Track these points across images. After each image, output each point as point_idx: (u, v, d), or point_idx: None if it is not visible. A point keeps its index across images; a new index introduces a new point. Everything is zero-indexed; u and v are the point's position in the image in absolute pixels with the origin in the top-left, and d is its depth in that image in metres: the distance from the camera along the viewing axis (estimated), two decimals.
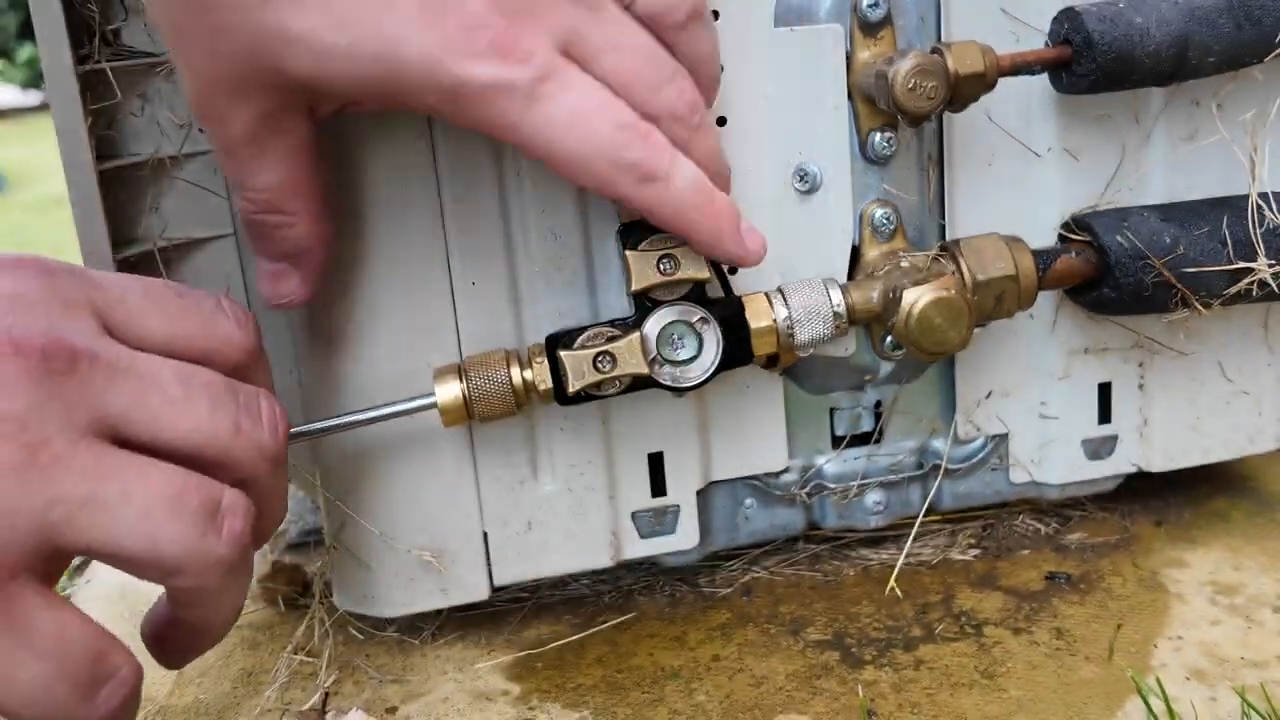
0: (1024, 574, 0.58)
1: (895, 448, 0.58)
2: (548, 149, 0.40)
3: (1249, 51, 0.50)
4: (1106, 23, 0.48)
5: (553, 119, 0.39)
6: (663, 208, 0.42)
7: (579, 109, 0.39)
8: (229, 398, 0.39)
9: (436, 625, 0.57)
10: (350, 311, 0.49)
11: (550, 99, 0.39)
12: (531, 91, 0.38)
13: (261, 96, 0.40)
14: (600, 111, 0.40)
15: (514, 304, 0.50)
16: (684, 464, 0.54)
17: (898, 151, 0.52)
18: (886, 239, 0.52)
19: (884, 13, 0.50)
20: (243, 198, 0.43)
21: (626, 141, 0.40)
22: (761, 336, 0.48)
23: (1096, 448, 0.59)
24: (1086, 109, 0.53)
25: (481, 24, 0.37)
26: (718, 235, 0.44)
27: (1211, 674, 0.49)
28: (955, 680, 0.49)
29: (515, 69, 0.38)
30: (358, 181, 0.48)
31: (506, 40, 0.38)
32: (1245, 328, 0.58)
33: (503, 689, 0.52)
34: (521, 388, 0.47)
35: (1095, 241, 0.52)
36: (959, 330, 0.48)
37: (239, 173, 0.43)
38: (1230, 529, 0.61)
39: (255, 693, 0.53)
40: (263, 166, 0.42)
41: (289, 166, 0.43)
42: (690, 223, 0.43)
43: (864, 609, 0.56)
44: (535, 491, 0.53)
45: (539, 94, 0.38)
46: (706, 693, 0.50)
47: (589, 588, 0.60)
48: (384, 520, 0.52)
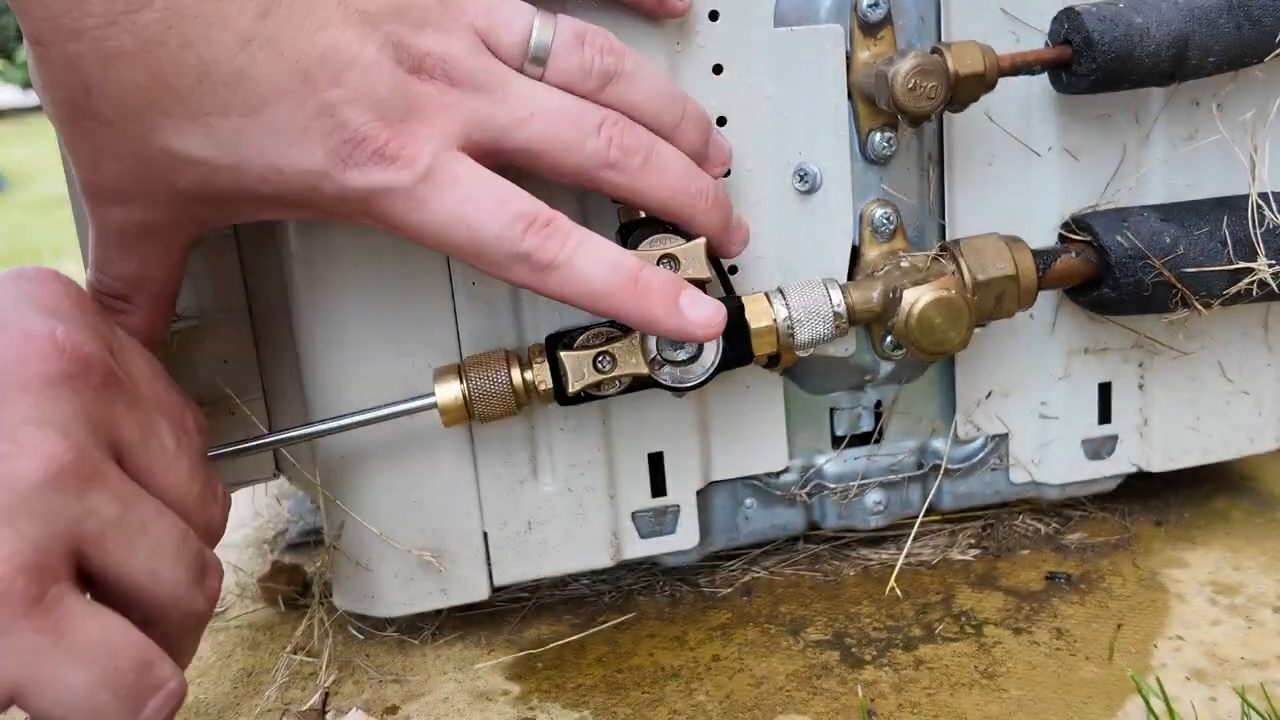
0: (1024, 574, 0.58)
1: (895, 448, 0.58)
2: (437, 243, 0.40)
3: (1249, 51, 0.50)
4: (1106, 23, 0.48)
5: (437, 216, 0.39)
6: (571, 295, 0.41)
7: (464, 203, 0.39)
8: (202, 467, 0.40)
9: (436, 625, 0.57)
10: (351, 311, 0.49)
11: (434, 199, 0.39)
12: (413, 193, 0.39)
13: (143, 207, 0.41)
14: (488, 205, 0.40)
15: (514, 303, 0.50)
16: (684, 464, 0.54)
17: (898, 151, 0.52)
18: (886, 239, 0.52)
19: (884, 13, 0.50)
20: (95, 274, 0.43)
21: (517, 234, 0.40)
22: (762, 337, 0.48)
23: (1096, 448, 0.59)
24: (1086, 109, 0.53)
25: (364, 137, 0.38)
26: (646, 314, 0.42)
27: (1211, 674, 0.49)
28: (955, 680, 0.49)
29: (396, 174, 0.39)
30: None
31: (390, 149, 0.38)
32: (1245, 328, 0.58)
33: (503, 689, 0.52)
34: (522, 388, 0.47)
35: (1095, 241, 0.52)
36: (959, 330, 0.48)
37: (101, 262, 0.43)
38: (1230, 529, 0.61)
39: (255, 693, 0.53)
40: (125, 258, 0.43)
41: (149, 267, 0.43)
42: (612, 307, 0.42)
43: (864, 609, 0.56)
44: (535, 491, 0.53)
45: (421, 195, 0.39)
46: (706, 693, 0.50)
47: (589, 588, 0.60)
48: (384, 520, 0.52)
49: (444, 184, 0.39)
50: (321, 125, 0.38)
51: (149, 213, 0.41)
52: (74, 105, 0.38)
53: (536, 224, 0.40)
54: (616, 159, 0.42)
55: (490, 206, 0.40)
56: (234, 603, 0.62)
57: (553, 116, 0.41)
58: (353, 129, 0.38)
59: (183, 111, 0.37)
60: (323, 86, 0.38)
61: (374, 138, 0.38)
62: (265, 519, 0.73)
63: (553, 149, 0.41)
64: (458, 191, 0.39)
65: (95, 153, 0.39)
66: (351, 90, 0.38)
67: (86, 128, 0.38)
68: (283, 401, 0.55)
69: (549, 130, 0.41)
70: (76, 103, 0.38)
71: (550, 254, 0.41)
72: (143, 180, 0.39)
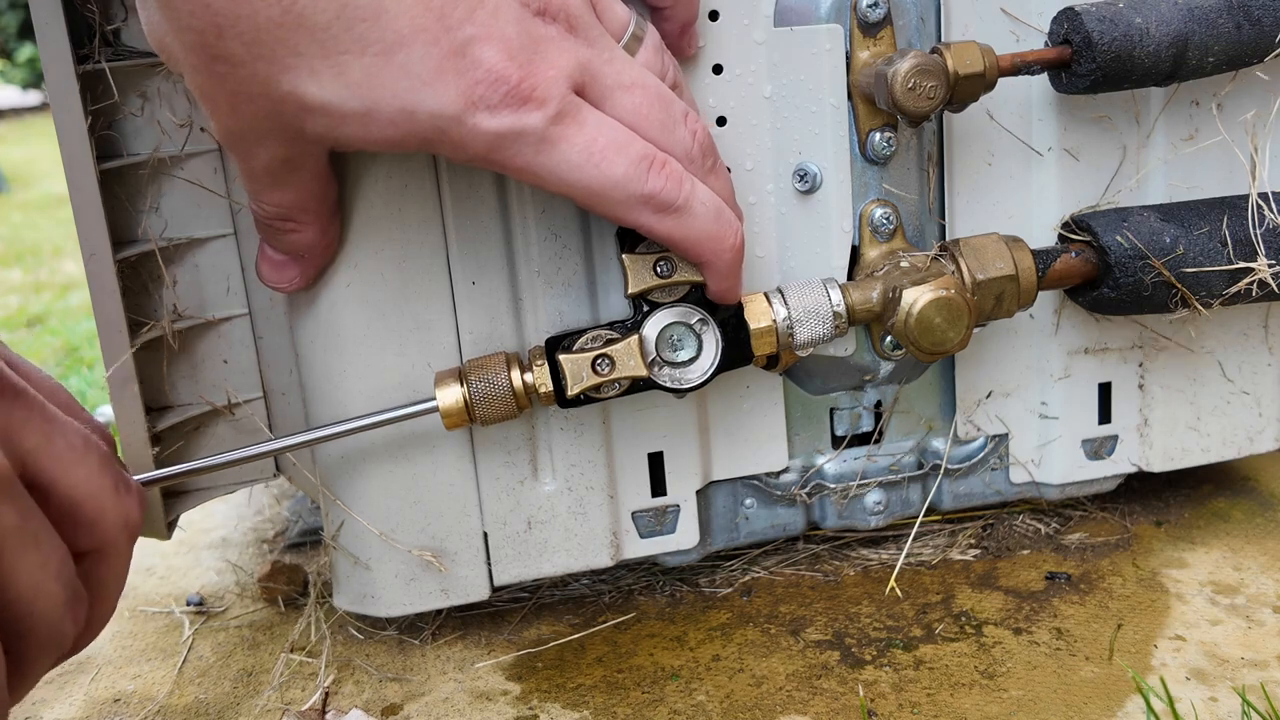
0: (1024, 574, 0.58)
1: (895, 448, 0.58)
2: (564, 187, 0.40)
3: (1249, 51, 0.50)
4: (1106, 23, 0.48)
5: (566, 158, 0.39)
6: (681, 238, 0.43)
7: (593, 146, 0.40)
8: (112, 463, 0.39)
9: (436, 625, 0.57)
10: (351, 312, 0.49)
11: (564, 140, 0.39)
12: (545, 134, 0.39)
13: (281, 145, 0.41)
14: (615, 146, 0.40)
15: (514, 304, 0.50)
16: (684, 464, 0.54)
17: (897, 151, 0.52)
18: (886, 239, 0.52)
19: (884, 13, 0.50)
20: (254, 203, 0.44)
21: (642, 174, 0.40)
22: (761, 337, 0.48)
23: (1096, 448, 0.59)
24: (1086, 109, 0.53)
25: (497, 78, 0.38)
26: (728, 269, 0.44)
27: (1211, 674, 0.49)
28: (955, 680, 0.49)
29: (528, 115, 0.39)
30: (359, 182, 0.48)
31: (523, 89, 0.38)
32: (1245, 328, 0.58)
33: (503, 689, 0.52)
34: (522, 391, 0.47)
35: (1095, 241, 0.52)
36: (959, 330, 0.48)
37: (256, 194, 0.44)
38: (1230, 529, 0.61)
39: (255, 692, 0.53)
40: (279, 190, 0.44)
41: (301, 190, 0.44)
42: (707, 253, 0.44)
43: (864, 609, 0.56)
44: (535, 491, 0.53)
45: (552, 136, 0.39)
46: (707, 693, 0.50)
47: (589, 587, 0.60)
48: (384, 520, 0.52)
49: (572, 125, 0.39)
50: (455, 65, 0.38)
51: (288, 149, 0.41)
52: (205, 48, 0.37)
53: (656, 165, 0.41)
54: (697, 156, 0.43)
55: (616, 147, 0.40)
56: (234, 603, 0.62)
57: (650, 93, 0.42)
58: (485, 69, 0.38)
59: (316, 50, 0.37)
60: (456, 24, 0.37)
61: (506, 78, 0.38)
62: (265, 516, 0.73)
63: (645, 125, 0.41)
64: (585, 133, 0.39)
65: (229, 98, 0.39)
66: (483, 28, 0.38)
67: (218, 72, 0.38)
68: (283, 402, 0.55)
69: (645, 105, 0.42)
70: (207, 44, 0.37)
71: (671, 196, 0.41)
72: (275, 121, 0.39)
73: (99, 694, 0.54)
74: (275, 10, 0.36)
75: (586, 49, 0.40)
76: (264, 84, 0.38)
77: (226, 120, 0.40)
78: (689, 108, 0.44)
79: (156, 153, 0.50)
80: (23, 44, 6.64)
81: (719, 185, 0.44)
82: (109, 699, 0.53)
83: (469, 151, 0.39)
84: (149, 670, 0.56)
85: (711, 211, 0.43)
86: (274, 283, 0.48)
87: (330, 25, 0.37)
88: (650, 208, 0.41)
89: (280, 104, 0.38)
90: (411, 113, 0.38)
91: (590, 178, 0.40)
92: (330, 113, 0.38)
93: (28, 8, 0.47)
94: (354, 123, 0.39)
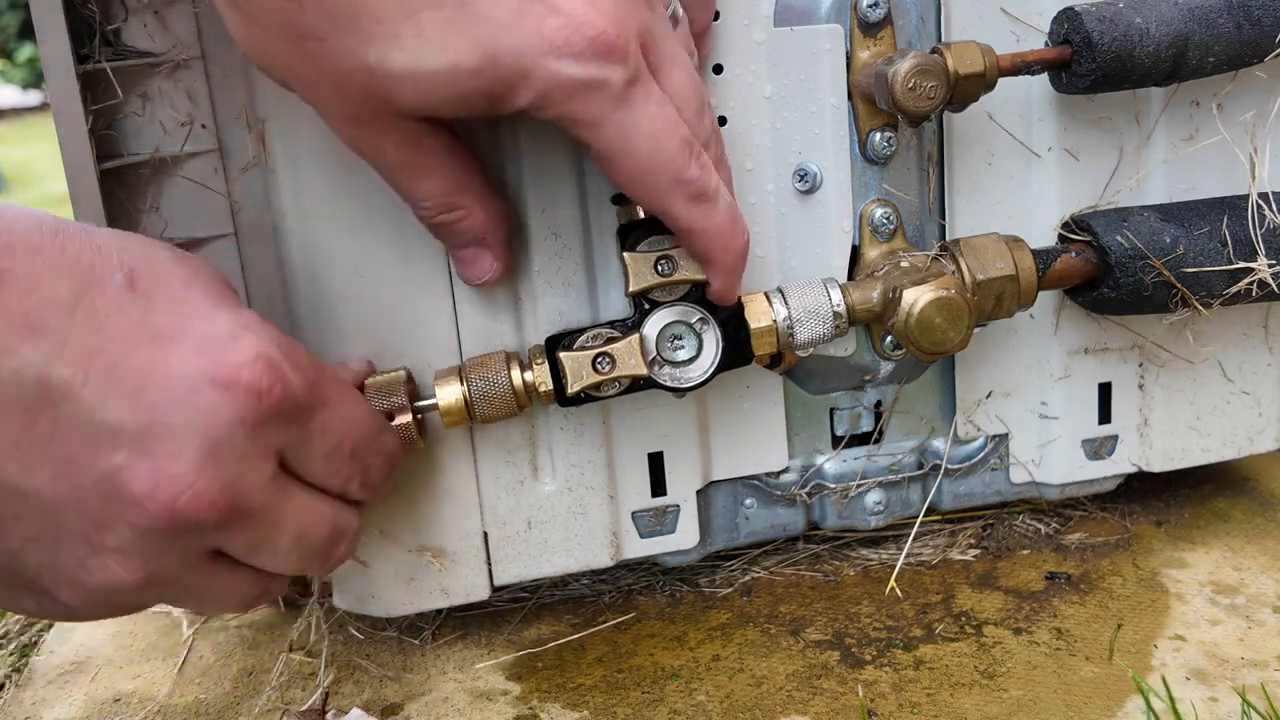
0: (1024, 574, 0.58)
1: (895, 448, 0.58)
2: (622, 152, 0.40)
3: (1249, 51, 0.50)
4: (1106, 23, 0.48)
5: (634, 124, 0.39)
6: (705, 230, 0.43)
7: (656, 119, 0.40)
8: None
9: (436, 625, 0.57)
10: (351, 312, 0.49)
11: (636, 103, 0.39)
12: (622, 93, 0.39)
13: (395, 125, 0.41)
14: (670, 124, 0.40)
15: (514, 304, 0.50)
16: (684, 464, 0.54)
17: (897, 151, 0.52)
18: (886, 239, 0.52)
19: (884, 13, 0.50)
20: (415, 209, 0.44)
21: (686, 158, 0.40)
22: (761, 337, 0.48)
23: (1097, 448, 0.59)
24: (1086, 109, 0.53)
25: (580, 22, 0.37)
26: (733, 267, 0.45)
27: (1211, 674, 0.49)
28: (955, 680, 0.49)
29: (611, 69, 0.38)
30: (358, 182, 0.48)
31: (607, 39, 0.38)
32: (1245, 328, 0.58)
33: (503, 689, 0.52)
34: (522, 389, 0.47)
35: (1095, 241, 0.52)
36: (959, 330, 0.48)
37: (404, 190, 0.44)
38: (1230, 529, 0.61)
39: (255, 692, 0.53)
40: (423, 179, 0.43)
41: (446, 171, 0.43)
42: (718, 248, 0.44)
43: (864, 609, 0.56)
44: (535, 491, 0.53)
45: (628, 96, 0.39)
46: (707, 693, 0.50)
47: (589, 587, 0.60)
48: (384, 520, 0.52)
49: (643, 89, 0.39)
50: (535, 10, 0.37)
51: (403, 129, 0.41)
52: (289, 27, 0.37)
53: (695, 151, 0.41)
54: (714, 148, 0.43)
55: (670, 126, 0.40)
56: None
57: (693, 76, 0.42)
58: (567, 14, 0.37)
59: (395, 11, 0.37)
60: None
61: (591, 24, 0.37)
62: None
63: (686, 107, 0.41)
64: (651, 103, 0.39)
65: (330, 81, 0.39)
66: None
67: (310, 50, 0.38)
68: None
69: (689, 87, 0.41)
70: (292, 23, 0.37)
71: (705, 184, 0.41)
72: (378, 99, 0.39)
73: (99, 694, 0.54)
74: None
75: (649, 13, 0.40)
76: (354, 58, 0.37)
77: (339, 111, 0.40)
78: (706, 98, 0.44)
79: (156, 153, 0.50)
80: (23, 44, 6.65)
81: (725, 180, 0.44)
82: (109, 699, 0.53)
83: (550, 98, 0.38)
84: (149, 670, 0.56)
85: (730, 207, 0.43)
86: (476, 279, 0.47)
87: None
88: (686, 193, 0.41)
89: (373, 78, 0.38)
90: (493, 56, 0.37)
91: (648, 149, 0.40)
92: (415, 77, 0.38)
93: (28, 8, 0.47)
94: (439, 84, 0.38)
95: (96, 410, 0.34)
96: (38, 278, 0.34)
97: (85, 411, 0.34)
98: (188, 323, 0.36)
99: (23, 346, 0.34)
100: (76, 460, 0.35)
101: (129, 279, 0.36)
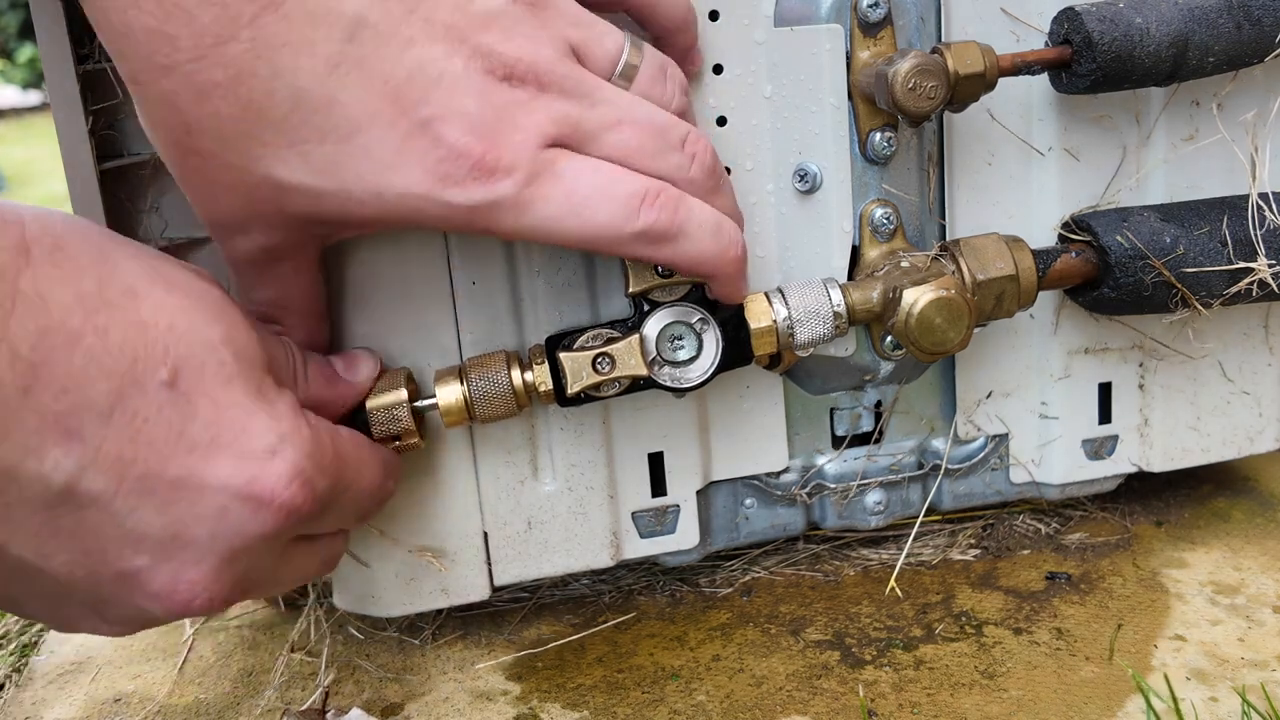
0: (1024, 574, 0.58)
1: (895, 448, 0.58)
2: (554, 240, 0.40)
3: (1249, 51, 0.50)
4: (1106, 23, 0.48)
5: (548, 214, 0.39)
6: (682, 261, 0.43)
7: (573, 197, 0.39)
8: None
9: (436, 625, 0.57)
10: (351, 312, 0.49)
11: (541, 199, 0.39)
12: (519, 199, 0.39)
13: (262, 233, 0.41)
14: (599, 191, 0.40)
15: (514, 304, 0.50)
16: (684, 464, 0.54)
17: (898, 151, 0.52)
18: (886, 239, 0.52)
19: (884, 13, 0.50)
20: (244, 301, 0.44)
21: (632, 212, 0.40)
22: (761, 337, 0.48)
23: (1097, 448, 0.59)
24: (1087, 109, 0.53)
25: (459, 152, 0.38)
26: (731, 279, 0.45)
27: (1212, 674, 0.49)
28: (955, 680, 0.49)
29: (498, 186, 0.38)
30: None
31: (487, 162, 0.38)
32: (1246, 328, 0.58)
33: (503, 689, 0.52)
34: (522, 389, 0.47)
35: (1095, 241, 0.52)
36: (959, 330, 0.48)
37: (241, 285, 0.44)
38: (1230, 529, 0.61)
39: (255, 692, 0.53)
40: (262, 284, 0.44)
41: (286, 286, 0.44)
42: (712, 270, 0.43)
43: (864, 609, 0.56)
44: (535, 491, 0.53)
45: (528, 198, 0.39)
46: (707, 693, 0.50)
47: (589, 587, 0.60)
48: (384, 520, 0.52)
49: (548, 182, 0.39)
50: (415, 146, 0.38)
51: (269, 237, 0.41)
52: (177, 143, 0.38)
53: (648, 199, 0.40)
54: (698, 178, 0.43)
55: (600, 192, 0.40)
56: None
57: (640, 126, 0.41)
58: (447, 146, 0.38)
59: (280, 140, 0.37)
60: (412, 106, 0.37)
61: (469, 153, 0.38)
62: None
63: (637, 158, 0.41)
64: (563, 185, 0.39)
65: (206, 186, 0.40)
66: (441, 107, 0.37)
67: (193, 163, 0.39)
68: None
69: (636, 138, 0.41)
70: (179, 140, 0.38)
71: (665, 227, 0.41)
72: (255, 207, 0.40)
73: (99, 694, 0.54)
74: (235, 107, 0.37)
75: (562, 102, 0.40)
76: (238, 171, 0.38)
77: (208, 208, 0.41)
78: (691, 129, 0.43)
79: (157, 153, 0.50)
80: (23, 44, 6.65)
81: (721, 202, 0.44)
82: (109, 699, 0.53)
83: (450, 224, 0.39)
84: (149, 670, 0.56)
85: (710, 230, 0.42)
86: None
87: (288, 117, 0.37)
88: (644, 241, 0.41)
89: (257, 189, 0.38)
90: (380, 193, 0.38)
91: (576, 227, 0.40)
92: (304, 191, 0.38)
93: (28, 8, 0.47)
94: (330, 199, 0.39)
95: (125, 519, 0.34)
96: (75, 376, 0.33)
97: (113, 519, 0.34)
98: (226, 433, 0.36)
99: (54, 450, 0.33)
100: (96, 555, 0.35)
101: (171, 377, 0.35)
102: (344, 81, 0.37)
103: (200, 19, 0.35)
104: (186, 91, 0.36)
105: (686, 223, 0.41)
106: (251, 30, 0.36)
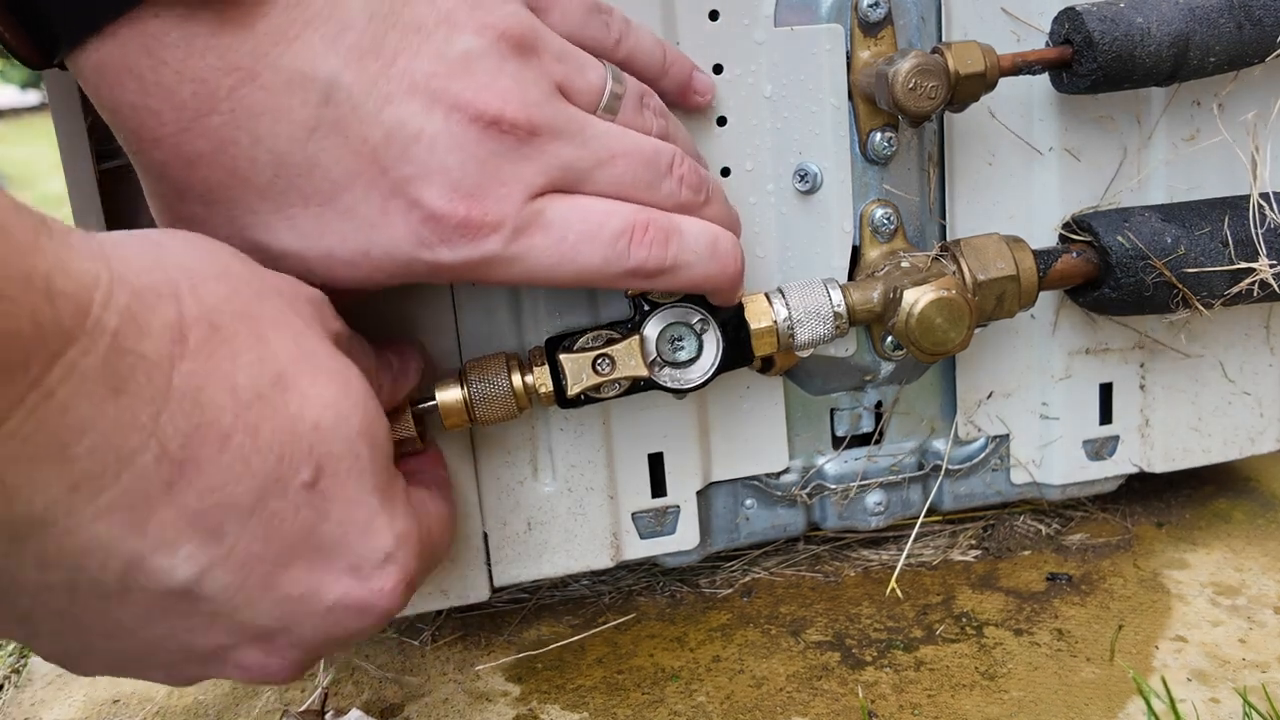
0: (1025, 575, 0.58)
1: (896, 448, 0.58)
2: (547, 283, 0.40)
3: (1250, 51, 0.50)
4: (1107, 23, 0.48)
5: (540, 263, 0.39)
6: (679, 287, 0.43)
7: (563, 243, 0.39)
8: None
9: (436, 626, 0.57)
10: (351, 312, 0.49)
11: (531, 250, 0.39)
12: (507, 252, 0.39)
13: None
14: (588, 235, 0.40)
15: (514, 305, 0.50)
16: (684, 464, 0.54)
17: (898, 151, 0.52)
18: (887, 239, 0.52)
19: (884, 13, 0.50)
20: None
21: (623, 251, 0.40)
22: (761, 337, 0.47)
23: (1098, 448, 0.59)
24: (1087, 109, 0.53)
25: (441, 215, 0.37)
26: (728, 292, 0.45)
27: (1213, 675, 0.49)
28: (956, 681, 0.49)
29: (484, 244, 0.38)
30: None
31: (472, 220, 0.38)
32: (1247, 328, 0.58)
33: (503, 690, 0.52)
34: (522, 391, 0.47)
35: (1096, 241, 0.52)
36: (959, 330, 0.48)
37: None
38: (1232, 530, 0.61)
39: (254, 693, 0.53)
40: None
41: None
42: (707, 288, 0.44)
43: (864, 610, 0.56)
44: (535, 492, 0.53)
45: (516, 252, 0.39)
46: (707, 694, 0.50)
47: (589, 588, 0.60)
48: None
49: (536, 233, 0.39)
50: (397, 206, 0.37)
51: None
52: (173, 208, 0.38)
53: (636, 233, 0.40)
54: (688, 199, 0.43)
55: (589, 235, 0.40)
56: None
57: (632, 158, 0.41)
58: (429, 208, 0.37)
59: (266, 207, 0.37)
60: (393, 165, 0.37)
61: (452, 214, 0.37)
62: None
63: (631, 191, 0.41)
64: (552, 234, 0.39)
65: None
66: (421, 166, 0.37)
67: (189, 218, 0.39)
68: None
69: (629, 172, 0.41)
70: (172, 206, 0.38)
71: (658, 261, 0.41)
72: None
73: (98, 695, 0.54)
74: (222, 174, 0.37)
75: (552, 145, 0.39)
76: (229, 238, 0.38)
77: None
78: (675, 150, 0.43)
79: None
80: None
81: (713, 212, 0.44)
82: (108, 700, 0.53)
83: (441, 279, 0.39)
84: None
85: (705, 253, 0.42)
86: None
87: (272, 182, 0.37)
88: (639, 277, 0.41)
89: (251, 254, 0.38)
90: (366, 253, 0.38)
91: (569, 272, 0.40)
92: (295, 257, 0.38)
93: None
94: (319, 264, 0.38)
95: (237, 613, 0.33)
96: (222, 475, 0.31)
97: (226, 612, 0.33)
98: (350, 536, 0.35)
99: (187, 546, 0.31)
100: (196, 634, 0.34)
101: (314, 477, 0.34)
102: (323, 144, 0.37)
103: (179, 94, 0.35)
104: (175, 161, 0.37)
105: (680, 254, 0.41)
106: (230, 102, 0.36)
